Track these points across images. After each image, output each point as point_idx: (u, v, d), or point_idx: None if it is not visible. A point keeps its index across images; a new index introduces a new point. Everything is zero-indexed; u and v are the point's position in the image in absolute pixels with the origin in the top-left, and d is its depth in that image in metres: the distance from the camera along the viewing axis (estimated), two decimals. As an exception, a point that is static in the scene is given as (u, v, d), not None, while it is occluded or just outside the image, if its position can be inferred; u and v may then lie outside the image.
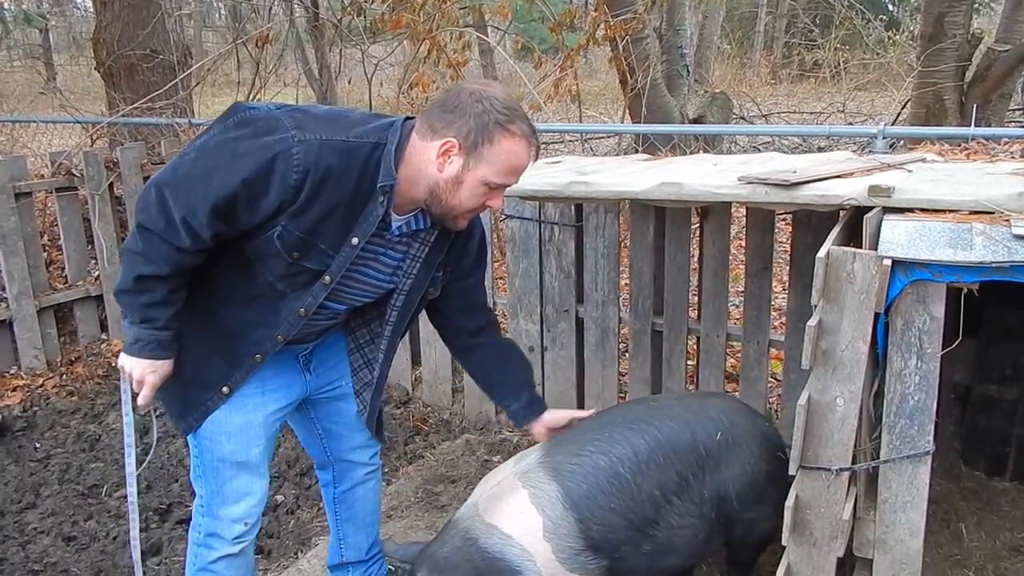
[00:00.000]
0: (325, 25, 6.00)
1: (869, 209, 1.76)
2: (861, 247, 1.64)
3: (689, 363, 3.03)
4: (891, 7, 16.60)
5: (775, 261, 2.82)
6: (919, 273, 1.54)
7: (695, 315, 2.96)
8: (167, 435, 3.28)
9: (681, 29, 6.65)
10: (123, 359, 1.66)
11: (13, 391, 3.78)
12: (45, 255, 4.17)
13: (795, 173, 1.99)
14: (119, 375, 1.73)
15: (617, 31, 5.18)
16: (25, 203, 3.92)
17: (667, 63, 6.46)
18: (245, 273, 1.64)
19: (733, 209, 2.90)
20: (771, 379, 3.04)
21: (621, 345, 3.16)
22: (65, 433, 3.44)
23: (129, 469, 1.86)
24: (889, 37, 11.39)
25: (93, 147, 4.60)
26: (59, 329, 4.11)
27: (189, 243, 1.54)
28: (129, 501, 1.89)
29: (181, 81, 5.10)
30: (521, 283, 3.13)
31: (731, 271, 2.84)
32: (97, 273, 4.21)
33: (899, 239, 1.57)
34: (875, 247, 1.60)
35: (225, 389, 1.74)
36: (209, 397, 1.74)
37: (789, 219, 2.92)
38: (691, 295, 2.90)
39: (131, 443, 1.85)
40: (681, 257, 2.79)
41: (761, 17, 15.80)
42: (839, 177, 1.99)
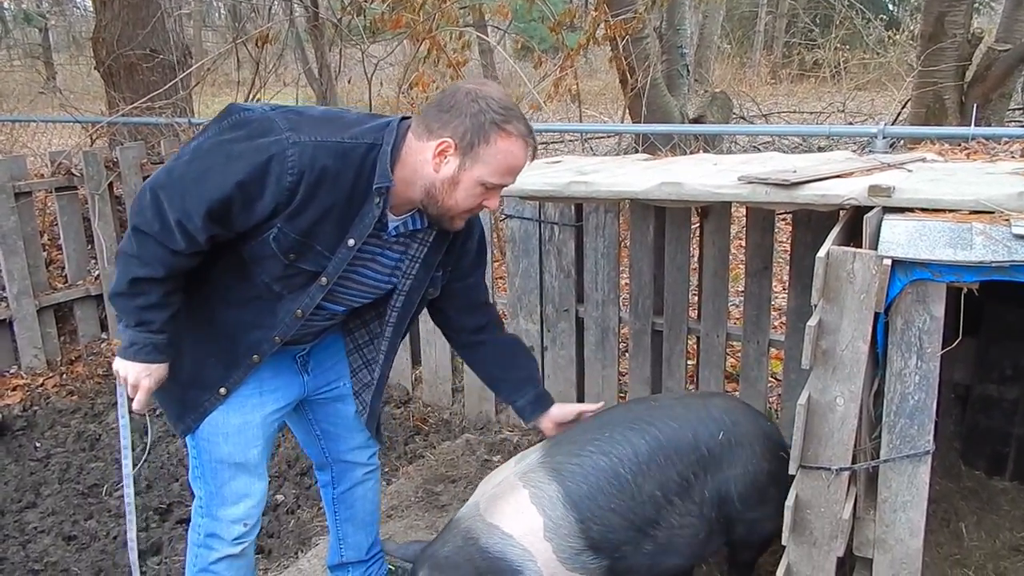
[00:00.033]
0: (325, 25, 6.00)
1: (869, 209, 1.76)
2: (861, 247, 1.64)
3: (689, 363, 3.03)
4: (891, 7, 16.60)
5: (775, 261, 2.81)
6: (919, 273, 1.54)
7: (695, 315, 2.96)
8: (167, 434, 3.28)
9: (681, 29, 6.65)
10: (118, 363, 1.64)
11: (13, 390, 3.78)
12: (45, 254, 4.18)
13: (795, 173, 1.99)
14: (117, 379, 1.71)
15: (617, 31, 5.18)
16: (25, 202, 3.92)
17: (667, 63, 6.46)
18: (242, 275, 1.64)
19: (733, 209, 2.90)
20: (771, 379, 3.03)
21: (621, 345, 3.16)
22: (65, 432, 3.44)
23: (126, 471, 1.86)
24: (889, 37, 11.39)
25: (93, 147, 4.60)
26: (59, 328, 4.11)
27: (184, 246, 1.53)
28: (126, 502, 1.89)
29: (181, 81, 5.10)
30: (521, 283, 3.13)
31: (731, 271, 2.84)
32: (97, 272, 4.21)
33: (899, 239, 1.57)
34: (875, 247, 1.60)
35: (223, 390, 1.73)
36: (207, 398, 1.74)
37: (789, 219, 2.92)
38: (691, 295, 2.90)
39: (127, 446, 1.84)
40: (681, 257, 2.79)
41: (761, 17, 15.80)
42: (839, 177, 1.99)
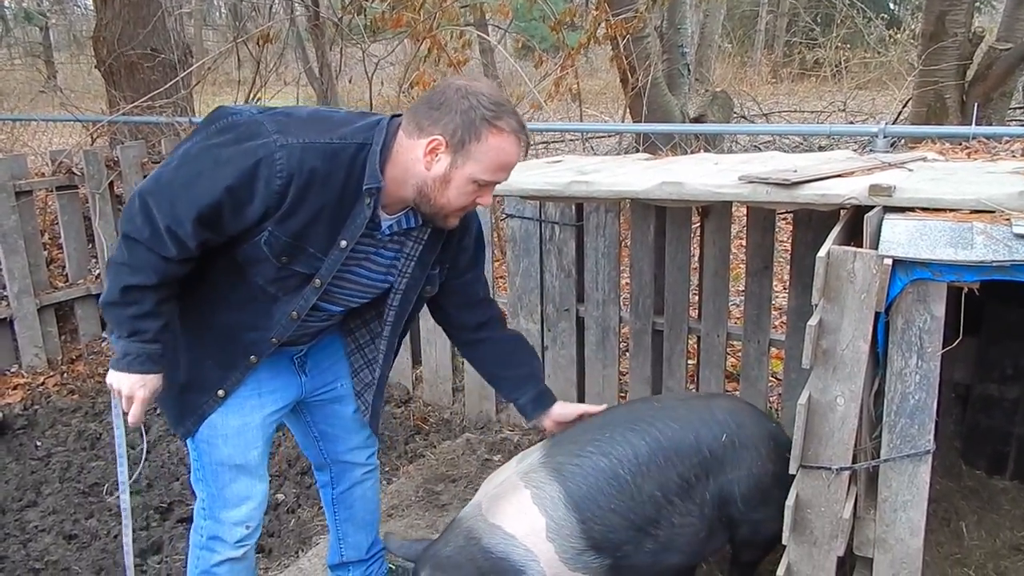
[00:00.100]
0: (326, 24, 6.00)
1: (870, 208, 1.76)
2: (862, 246, 1.64)
3: (690, 362, 3.03)
4: (892, 6, 16.60)
5: (776, 260, 2.81)
6: (920, 272, 1.54)
7: (696, 314, 2.96)
8: (168, 433, 3.29)
9: (682, 28, 6.65)
10: (111, 376, 1.61)
11: (14, 389, 3.78)
12: (46, 253, 4.18)
13: (796, 172, 1.99)
14: (111, 391, 1.68)
15: (618, 30, 5.17)
16: (26, 201, 3.92)
17: (668, 62, 6.46)
18: (237, 277, 1.63)
19: (734, 208, 2.90)
20: (771, 378, 3.03)
21: (622, 344, 3.16)
22: (66, 431, 3.44)
23: (122, 480, 1.84)
24: (890, 36, 11.40)
25: (93, 146, 4.60)
26: (60, 327, 4.11)
27: (175, 252, 1.52)
28: (122, 508, 1.87)
29: (182, 80, 5.10)
30: (522, 282, 3.13)
31: (732, 270, 2.84)
32: (98, 272, 4.21)
33: (900, 238, 1.57)
34: (876, 246, 1.60)
35: (221, 392, 1.73)
36: (205, 401, 1.73)
37: (790, 218, 2.92)
38: (692, 294, 2.90)
39: (123, 455, 1.82)
40: (682, 256, 2.78)
41: (762, 16, 15.80)
42: (840, 176, 1.98)
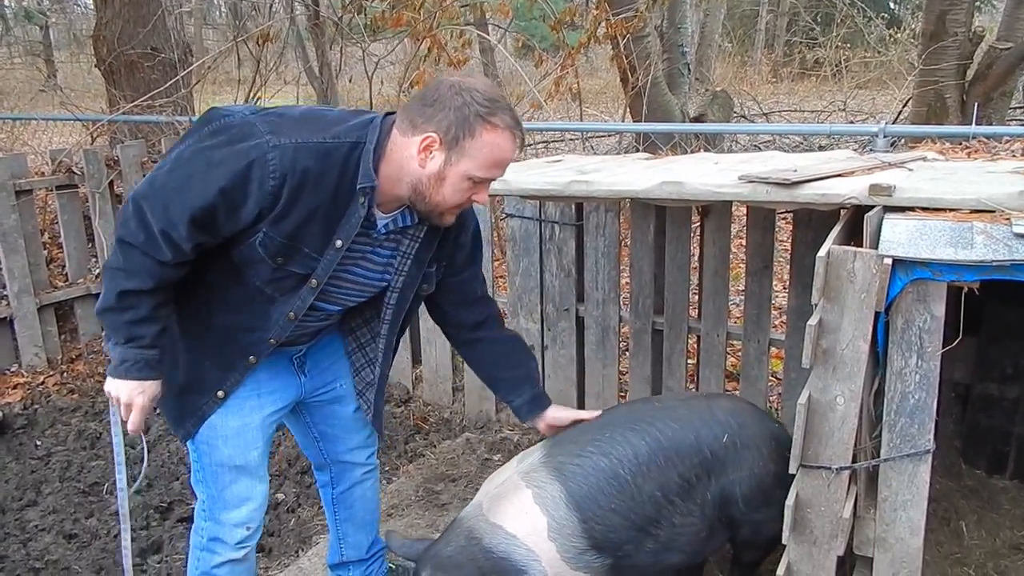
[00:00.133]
0: (326, 23, 6.00)
1: (870, 208, 1.76)
2: (862, 246, 1.64)
3: (689, 362, 3.03)
4: (892, 5, 16.59)
5: (776, 260, 2.81)
6: (920, 272, 1.54)
7: (695, 314, 2.96)
8: (168, 432, 3.29)
9: (682, 27, 6.65)
10: (109, 384, 1.60)
11: (14, 389, 3.78)
12: (45, 253, 4.18)
13: (796, 172, 1.98)
14: (109, 399, 1.66)
15: (618, 29, 5.17)
16: (25, 201, 3.92)
17: (668, 61, 6.46)
18: (235, 278, 1.63)
19: (734, 208, 2.90)
20: (771, 378, 3.03)
21: (621, 344, 3.15)
22: (66, 431, 3.44)
23: (120, 490, 1.83)
24: (890, 35, 11.39)
25: (93, 145, 4.60)
26: (60, 327, 4.11)
27: (170, 256, 1.52)
28: (120, 515, 1.86)
29: (182, 79, 5.10)
30: (521, 282, 3.13)
31: (732, 270, 2.84)
32: (97, 271, 4.21)
33: (900, 238, 1.57)
34: (876, 246, 1.60)
35: (220, 393, 1.72)
36: (205, 402, 1.73)
37: (790, 218, 2.92)
38: (691, 294, 2.90)
39: (121, 463, 1.80)
40: (682, 256, 2.78)
41: (762, 15, 15.80)
42: (840, 176, 1.98)
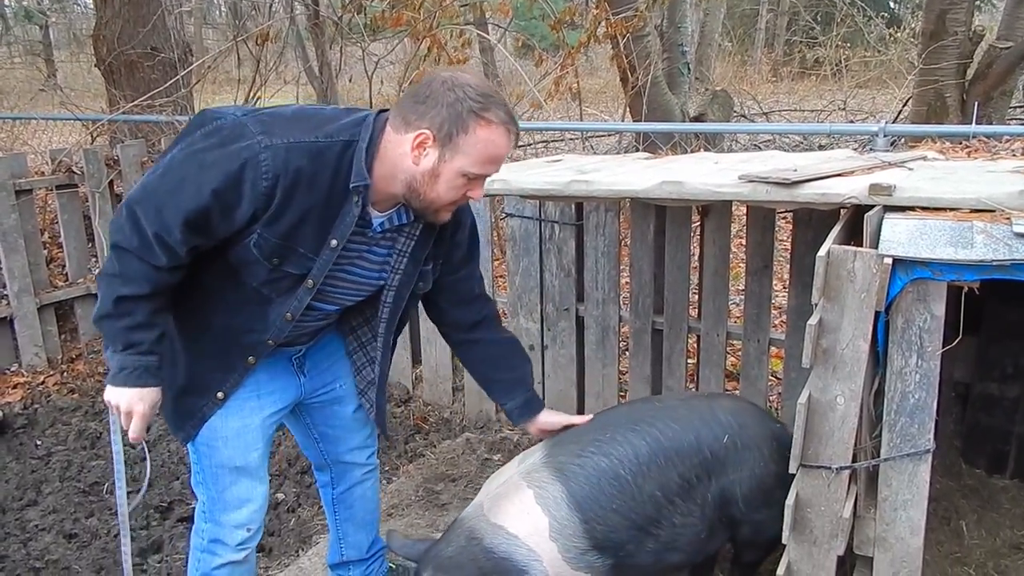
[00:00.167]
0: (325, 23, 5.99)
1: (870, 207, 1.76)
2: (862, 245, 1.64)
3: (689, 361, 3.03)
4: (892, 4, 16.59)
5: (775, 259, 2.81)
6: (920, 271, 1.54)
7: (695, 313, 2.96)
8: (167, 432, 3.29)
9: (682, 27, 6.64)
10: (108, 392, 1.59)
11: (14, 388, 3.79)
12: (46, 252, 4.18)
13: (796, 171, 1.98)
14: (108, 408, 1.64)
15: (618, 29, 5.17)
16: (25, 200, 3.92)
17: (668, 61, 6.46)
18: (231, 280, 1.62)
19: (734, 207, 2.89)
20: (771, 377, 3.03)
21: (621, 343, 3.15)
22: (66, 431, 3.44)
23: (120, 500, 1.81)
24: (890, 34, 11.39)
25: (93, 144, 4.60)
26: (60, 327, 4.12)
27: (165, 260, 1.51)
28: (120, 524, 1.84)
29: (182, 78, 5.10)
30: (521, 281, 3.13)
31: (731, 269, 2.84)
32: (98, 270, 4.21)
33: (900, 237, 1.57)
34: (876, 245, 1.59)
35: (220, 394, 1.72)
36: (204, 404, 1.73)
37: (790, 217, 2.91)
38: (691, 293, 2.89)
39: (121, 474, 1.79)
40: (681, 255, 2.78)
41: (762, 14, 15.80)
42: (840, 175, 1.98)
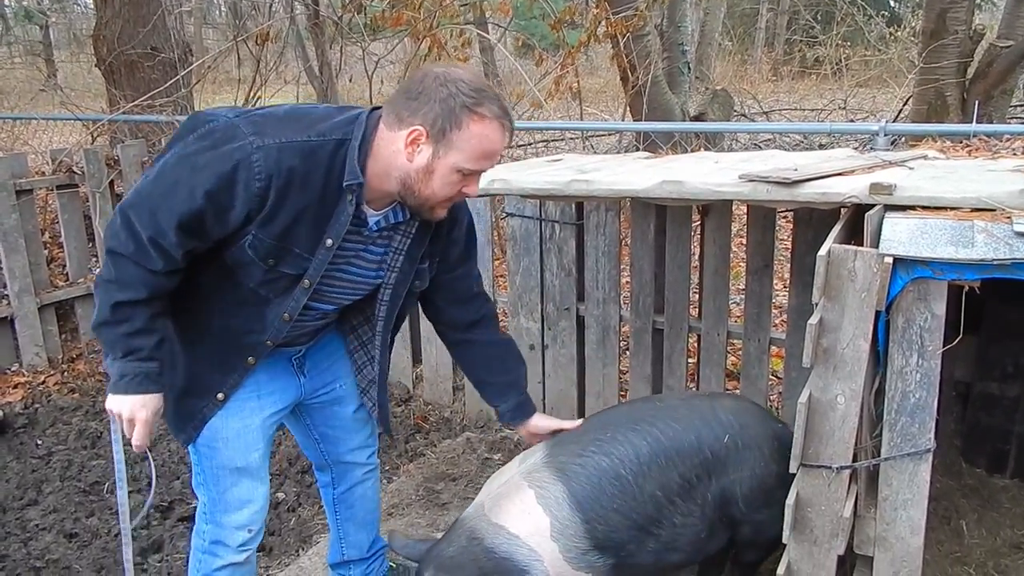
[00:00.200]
0: (326, 22, 6.00)
1: (870, 207, 1.76)
2: (862, 245, 1.64)
3: (690, 361, 3.03)
4: (893, 3, 16.58)
5: (776, 259, 2.81)
6: (920, 271, 1.54)
7: (696, 313, 2.96)
8: (167, 432, 3.28)
9: (682, 26, 6.64)
10: (110, 401, 1.58)
11: (15, 388, 3.79)
12: (46, 252, 4.18)
13: (796, 171, 1.98)
14: (111, 417, 1.63)
15: (618, 28, 5.17)
16: (26, 200, 3.92)
17: (668, 60, 6.45)
18: (228, 282, 1.62)
19: (734, 207, 2.89)
20: (772, 377, 3.03)
21: (622, 343, 3.15)
22: (67, 430, 3.45)
23: (122, 510, 1.80)
24: (891, 33, 11.40)
25: (94, 144, 4.60)
26: (60, 326, 4.12)
27: (162, 264, 1.51)
28: (123, 534, 1.83)
29: (182, 78, 5.11)
30: (522, 281, 3.13)
31: (732, 269, 2.83)
32: (98, 270, 4.21)
33: (900, 237, 1.57)
34: (876, 245, 1.59)
35: (220, 395, 1.72)
36: (205, 405, 1.72)
37: (790, 217, 2.91)
38: (692, 293, 2.89)
39: (123, 484, 1.77)
40: (682, 255, 2.78)
41: (762, 14, 15.81)
42: (840, 175, 1.98)
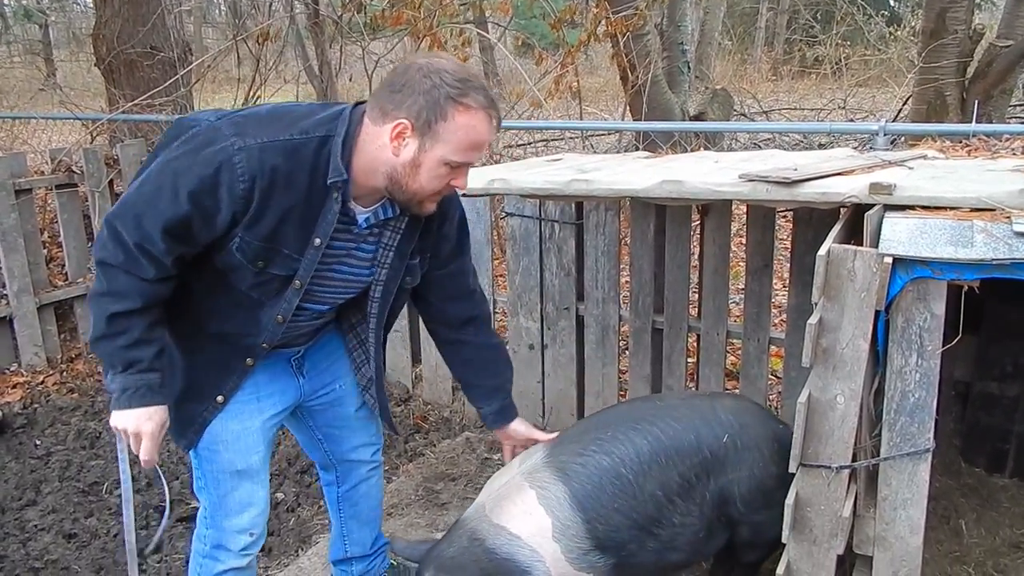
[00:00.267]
0: (325, 22, 5.99)
1: (870, 206, 1.76)
2: (862, 245, 1.64)
3: (689, 361, 3.03)
4: (892, 2, 16.59)
5: (775, 258, 2.81)
6: (920, 271, 1.54)
7: (695, 313, 2.96)
8: (167, 436, 3.28)
9: (682, 25, 6.64)
10: (114, 418, 1.56)
11: (13, 388, 3.78)
12: (45, 252, 4.18)
13: (796, 170, 1.98)
14: (116, 435, 1.63)
15: (618, 27, 5.17)
16: (25, 200, 3.92)
17: (668, 60, 6.45)
18: (220, 286, 1.61)
19: (734, 207, 2.89)
20: (771, 376, 3.03)
21: (621, 343, 3.15)
22: (65, 430, 3.44)
23: (127, 525, 1.78)
24: (890, 33, 11.40)
25: (93, 144, 4.60)
26: (59, 326, 4.11)
27: (153, 272, 1.50)
28: (128, 550, 1.81)
29: (181, 78, 5.10)
30: (521, 281, 3.13)
31: (731, 268, 2.83)
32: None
33: (900, 236, 1.57)
34: (876, 245, 1.59)
35: (220, 398, 1.71)
36: (204, 408, 1.72)
37: (790, 216, 2.91)
38: (691, 293, 2.89)
39: (129, 500, 1.76)
40: (681, 255, 2.78)
41: (762, 13, 15.81)
42: (840, 174, 1.98)
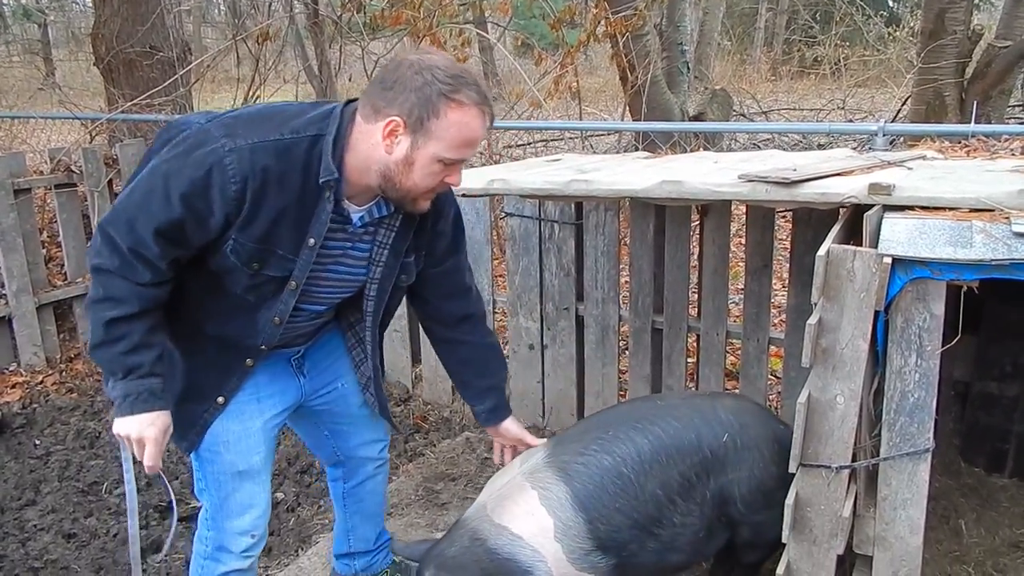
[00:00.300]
0: (325, 21, 6.00)
1: (869, 207, 1.76)
2: (861, 245, 1.64)
3: (689, 361, 3.03)
4: (891, 3, 16.61)
5: (775, 259, 2.81)
6: (919, 271, 1.54)
7: (695, 313, 2.96)
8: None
9: (681, 25, 6.65)
10: (116, 425, 1.55)
11: (12, 388, 3.78)
12: (44, 252, 4.17)
13: (795, 171, 1.98)
14: (120, 443, 1.60)
15: (618, 27, 5.17)
16: (24, 199, 3.91)
17: (667, 60, 6.46)
18: (217, 289, 1.61)
19: (733, 207, 2.90)
20: (771, 377, 3.03)
21: (621, 343, 3.16)
22: (65, 430, 3.44)
23: (132, 535, 1.76)
24: (889, 33, 11.42)
25: (92, 143, 4.59)
26: (58, 326, 4.11)
27: (148, 276, 1.49)
28: (132, 562, 1.79)
29: (180, 77, 5.10)
30: (521, 281, 3.13)
31: (731, 269, 2.84)
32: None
33: (899, 237, 1.57)
34: (875, 245, 1.60)
35: (220, 399, 1.71)
36: (205, 410, 1.71)
37: (789, 217, 2.92)
38: (691, 293, 2.90)
39: (134, 510, 1.74)
40: (681, 255, 2.78)
41: (761, 13, 15.82)
42: (839, 175, 1.98)
